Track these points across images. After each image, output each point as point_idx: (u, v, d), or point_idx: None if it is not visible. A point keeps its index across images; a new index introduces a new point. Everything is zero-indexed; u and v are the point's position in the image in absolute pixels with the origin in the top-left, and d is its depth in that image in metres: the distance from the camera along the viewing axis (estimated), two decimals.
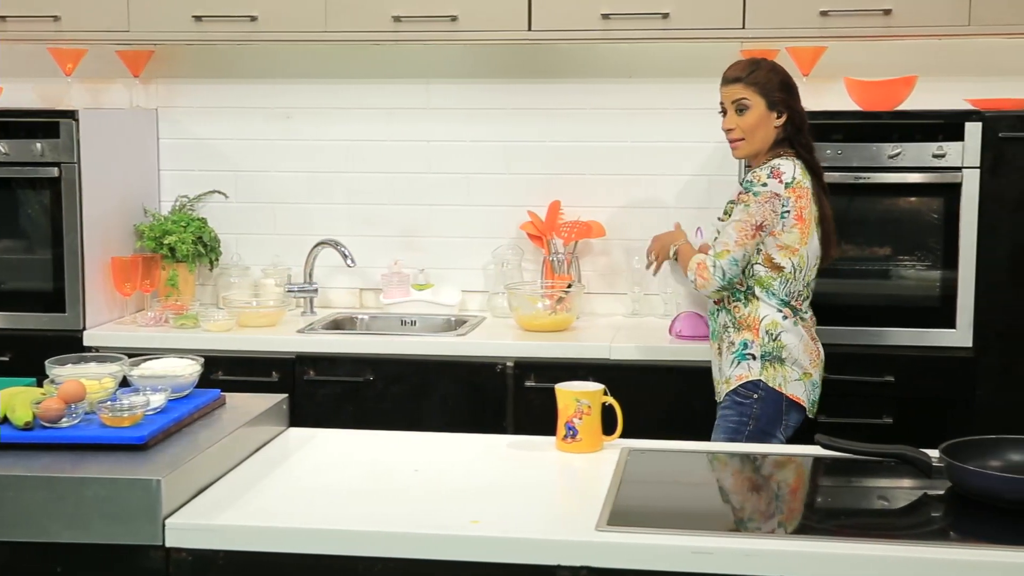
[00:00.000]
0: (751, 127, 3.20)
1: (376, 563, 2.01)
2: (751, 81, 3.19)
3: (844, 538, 2.00)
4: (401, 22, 3.85)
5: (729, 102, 3.22)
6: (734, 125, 3.22)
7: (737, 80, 3.21)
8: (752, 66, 3.22)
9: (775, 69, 3.24)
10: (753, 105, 3.18)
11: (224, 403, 2.56)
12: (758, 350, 3.14)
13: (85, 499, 2.05)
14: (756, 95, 3.19)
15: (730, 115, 3.22)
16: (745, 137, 3.21)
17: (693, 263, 3.19)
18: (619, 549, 1.97)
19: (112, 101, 4.36)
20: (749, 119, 3.19)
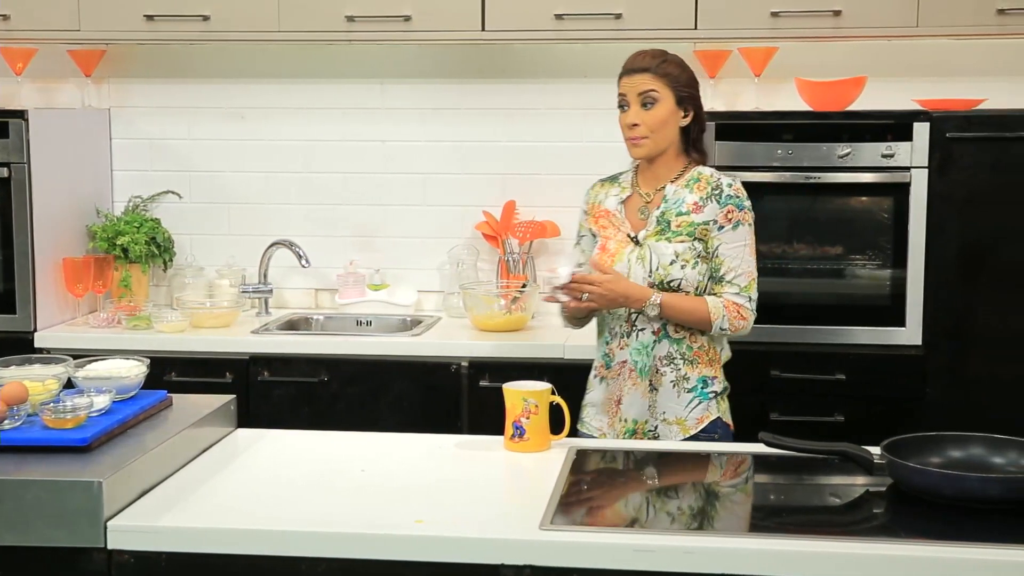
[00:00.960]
0: (658, 123, 2.88)
1: (319, 563, 2.01)
2: (661, 72, 2.88)
3: (786, 535, 2.01)
4: (354, 22, 3.85)
5: (635, 94, 2.89)
6: (639, 120, 2.88)
7: (645, 70, 2.88)
8: (661, 56, 2.92)
9: (684, 65, 2.96)
10: (662, 99, 2.88)
11: (171, 404, 2.54)
12: (719, 386, 2.92)
13: (26, 501, 2.03)
14: (666, 87, 2.88)
15: (634, 109, 2.89)
16: (650, 135, 2.89)
17: (717, 311, 2.82)
18: (562, 548, 1.98)
19: (64, 101, 4.33)
20: (657, 114, 2.88)
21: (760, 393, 3.62)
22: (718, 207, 2.87)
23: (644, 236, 2.90)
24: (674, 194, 2.91)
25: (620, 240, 2.93)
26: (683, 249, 2.85)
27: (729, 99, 4.06)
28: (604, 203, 3.01)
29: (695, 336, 2.88)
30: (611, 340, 2.94)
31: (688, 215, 2.88)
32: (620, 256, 2.90)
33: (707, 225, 2.86)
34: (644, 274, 2.86)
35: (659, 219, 2.90)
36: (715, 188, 2.89)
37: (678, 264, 2.85)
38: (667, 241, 2.87)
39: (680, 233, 2.87)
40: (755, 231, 2.93)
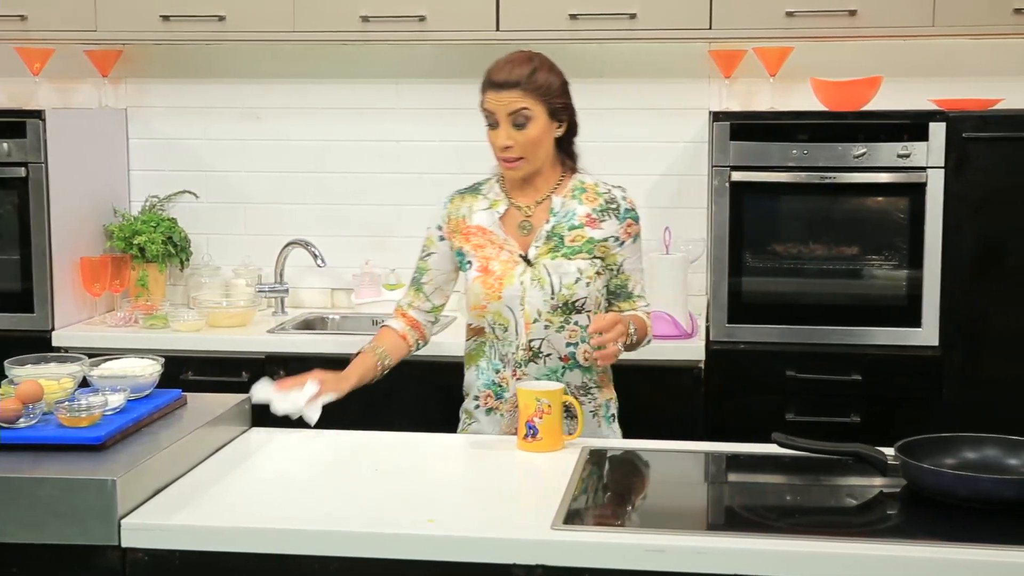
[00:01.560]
0: (533, 143, 2.63)
1: (331, 562, 2.01)
2: (532, 87, 2.61)
3: (799, 536, 2.01)
4: (369, 22, 3.85)
5: (504, 113, 2.61)
6: (512, 141, 2.62)
7: (515, 85, 2.61)
8: (529, 65, 2.64)
9: (554, 67, 2.70)
10: (535, 116, 2.62)
11: (185, 403, 2.55)
12: (615, 406, 2.83)
13: (41, 499, 2.05)
14: (538, 103, 2.62)
15: (504, 129, 2.62)
16: (525, 155, 2.64)
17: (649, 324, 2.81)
18: (573, 548, 1.98)
19: (81, 101, 4.35)
20: (531, 133, 2.62)
21: (775, 393, 3.61)
22: (618, 223, 2.72)
23: (535, 255, 2.69)
24: (562, 206, 2.71)
25: (505, 260, 2.71)
26: (586, 266, 2.68)
27: (744, 99, 4.05)
28: (471, 218, 2.77)
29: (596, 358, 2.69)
30: (502, 368, 2.73)
31: (582, 228, 2.70)
32: (509, 279, 2.68)
33: (607, 242, 2.70)
34: (544, 296, 2.67)
35: (549, 234, 2.69)
36: (609, 202, 2.72)
37: (583, 282, 2.67)
38: (565, 258, 2.68)
39: (578, 249, 2.68)
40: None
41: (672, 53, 4.05)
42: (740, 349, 3.65)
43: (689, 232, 4.03)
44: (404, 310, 2.89)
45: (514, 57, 2.70)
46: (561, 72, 2.74)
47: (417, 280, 2.87)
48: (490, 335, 2.75)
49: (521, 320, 2.70)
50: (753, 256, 3.68)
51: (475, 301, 2.74)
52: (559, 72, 2.73)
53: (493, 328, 2.74)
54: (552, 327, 2.69)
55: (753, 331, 3.65)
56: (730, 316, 3.65)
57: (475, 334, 2.80)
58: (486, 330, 2.76)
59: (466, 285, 2.79)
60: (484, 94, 2.68)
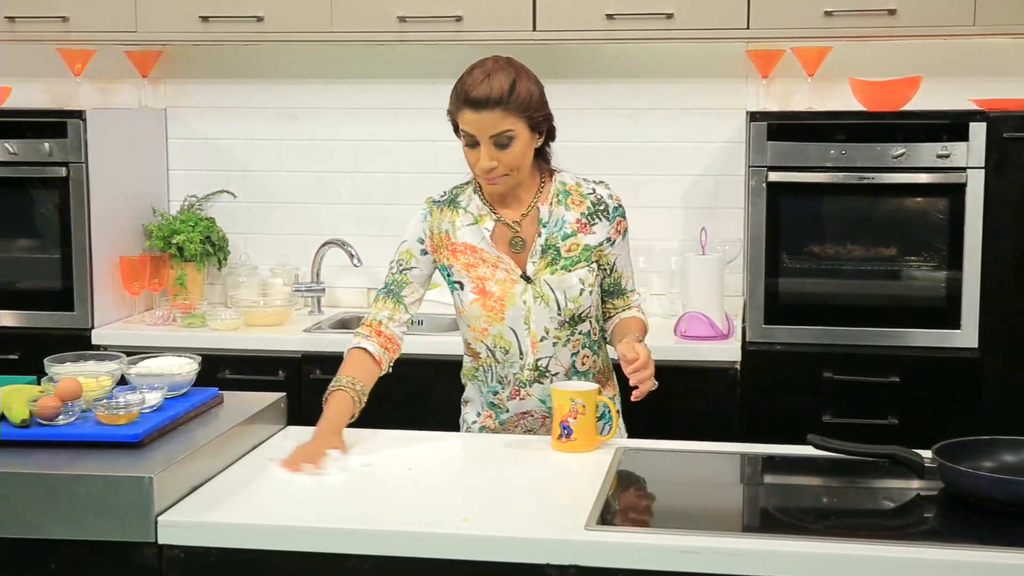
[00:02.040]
0: (517, 161, 2.53)
1: (365, 560, 2.02)
2: (514, 104, 2.48)
3: (835, 538, 1.99)
4: (406, 22, 3.87)
5: (486, 136, 2.49)
6: (495, 161, 2.50)
7: (496, 104, 2.47)
8: (507, 78, 2.50)
9: (530, 74, 2.57)
10: (517, 134, 2.50)
11: (222, 401, 2.57)
12: (618, 401, 2.74)
13: (79, 496, 2.07)
14: (519, 120, 2.49)
15: (487, 150, 2.50)
16: (509, 173, 2.54)
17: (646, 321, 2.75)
18: (607, 548, 1.97)
19: (121, 101, 4.39)
20: (515, 152, 2.51)
21: (812, 395, 3.59)
22: (608, 224, 2.63)
23: (534, 272, 2.59)
24: (550, 215, 2.61)
25: (502, 280, 2.60)
26: (585, 275, 2.59)
27: (782, 99, 4.03)
28: (455, 234, 2.64)
29: (595, 360, 2.68)
30: (501, 390, 2.66)
31: (575, 236, 2.60)
32: (511, 299, 2.58)
33: (601, 246, 2.62)
34: (550, 313, 2.58)
35: (544, 248, 2.59)
36: (597, 203, 2.63)
37: (586, 292, 2.60)
38: (565, 271, 2.58)
39: (576, 259, 2.59)
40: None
41: (709, 53, 4.04)
42: (776, 350, 3.63)
43: (725, 233, 4.01)
44: (381, 326, 2.67)
45: (490, 69, 2.52)
46: (536, 78, 2.61)
47: (396, 293, 2.69)
48: (487, 359, 2.66)
49: (527, 340, 2.61)
50: (790, 257, 3.66)
51: (475, 324, 2.63)
52: (535, 78, 2.59)
53: (493, 351, 2.64)
54: (560, 343, 2.63)
55: (790, 332, 3.63)
56: (767, 317, 3.63)
57: (472, 356, 2.72)
58: (482, 354, 2.66)
59: (458, 306, 2.67)
60: (461, 111, 2.52)
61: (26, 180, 3.93)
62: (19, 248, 4.02)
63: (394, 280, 2.72)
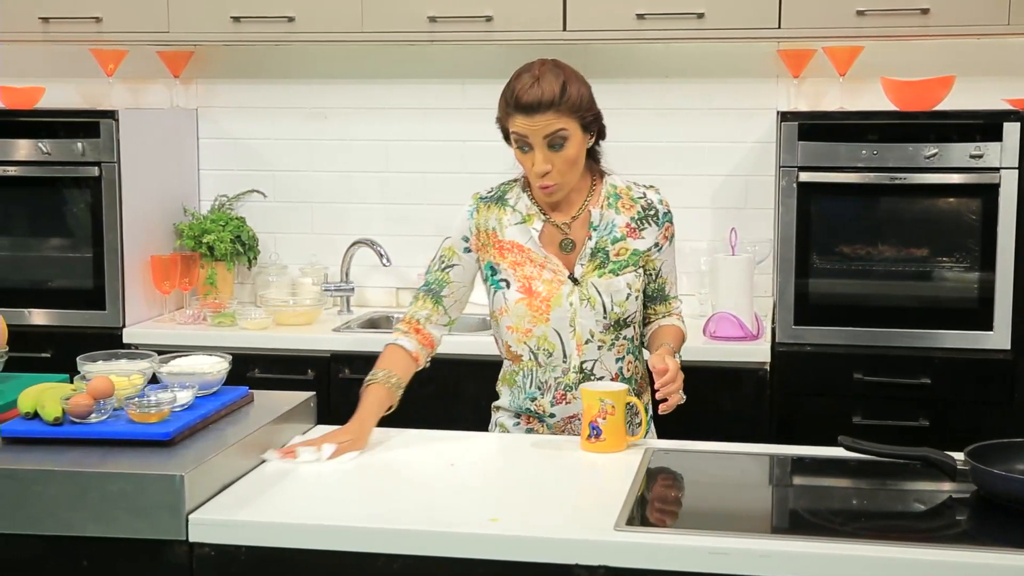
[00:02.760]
0: (571, 163, 2.50)
1: (395, 560, 2.02)
2: (567, 105, 2.46)
3: (866, 540, 1.98)
4: (436, 22, 3.87)
5: (540, 137, 2.46)
6: (550, 164, 2.48)
7: (550, 106, 2.44)
8: (558, 80, 2.47)
9: (579, 76, 2.54)
10: (571, 135, 2.48)
11: (252, 400, 2.58)
12: (652, 407, 2.69)
13: (110, 494, 2.08)
14: (572, 120, 2.47)
15: (541, 152, 2.48)
16: (564, 177, 2.51)
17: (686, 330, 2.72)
18: (636, 549, 1.97)
19: (153, 101, 4.42)
20: (568, 154, 2.49)
21: (843, 396, 3.58)
22: (658, 229, 2.62)
23: (582, 274, 2.58)
24: (601, 219, 2.60)
25: (550, 280, 2.58)
26: (632, 280, 2.58)
27: (813, 99, 4.01)
28: (503, 232, 2.62)
29: (637, 366, 2.67)
30: (540, 396, 2.63)
31: (624, 240, 2.59)
32: (557, 300, 2.56)
33: (650, 251, 2.61)
34: (596, 316, 2.57)
35: (594, 251, 2.58)
36: (647, 208, 2.62)
37: (632, 297, 2.58)
38: (612, 275, 2.57)
39: (624, 264, 2.58)
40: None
41: (739, 53, 4.03)
42: (807, 351, 3.61)
43: (755, 233, 4.00)
44: (420, 325, 2.66)
45: (539, 72, 2.50)
46: (584, 78, 2.58)
47: (436, 292, 2.66)
48: (529, 362, 2.63)
49: (572, 342, 2.59)
50: (820, 257, 3.64)
51: (518, 324, 2.61)
52: (583, 79, 2.57)
53: (536, 354, 2.62)
54: (604, 346, 2.61)
55: (820, 333, 3.62)
56: (797, 318, 3.62)
57: (512, 359, 2.69)
58: (524, 357, 2.64)
59: (500, 306, 2.64)
60: (512, 117, 2.50)
61: (59, 180, 3.96)
62: (51, 247, 4.06)
63: (435, 279, 2.69)
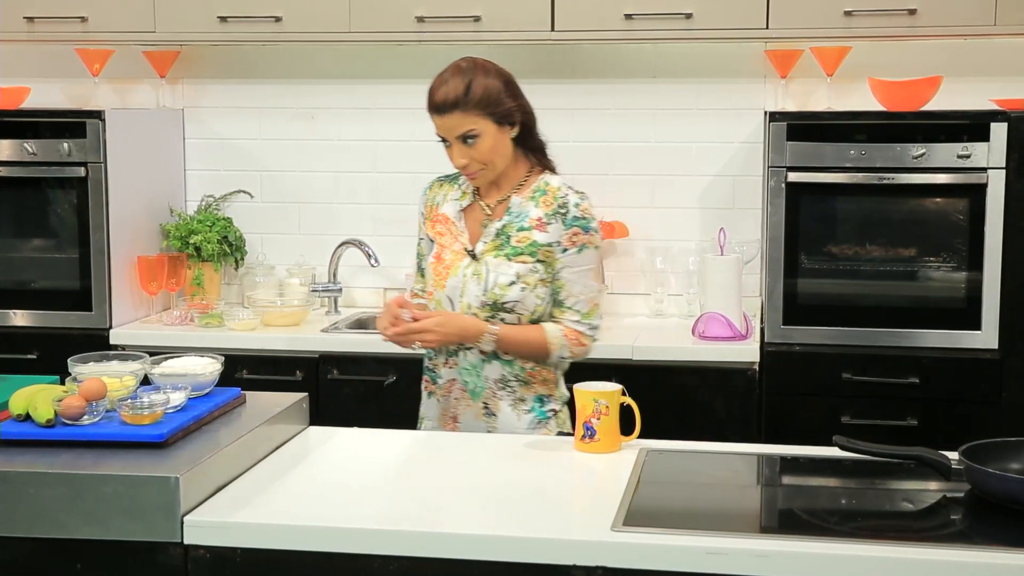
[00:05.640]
0: (487, 154, 2.66)
1: (391, 561, 2.02)
2: (471, 105, 2.62)
3: (861, 540, 1.98)
4: (424, 23, 3.87)
5: (453, 136, 2.65)
6: (467, 159, 2.66)
7: (454, 107, 2.62)
8: (463, 79, 2.63)
9: (489, 71, 2.67)
10: (482, 131, 2.63)
11: (244, 402, 2.57)
12: (558, 403, 2.78)
13: (104, 496, 2.07)
14: (481, 118, 2.63)
15: (457, 147, 2.66)
16: (483, 167, 2.68)
17: (557, 340, 2.68)
18: (634, 549, 1.97)
19: (139, 101, 4.40)
20: (482, 147, 2.64)
21: (831, 396, 3.59)
22: (563, 228, 2.67)
23: (482, 251, 2.72)
24: (519, 206, 2.72)
25: (456, 251, 2.74)
26: (525, 271, 2.67)
27: (800, 99, 4.02)
28: (442, 207, 2.82)
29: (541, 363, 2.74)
30: (435, 356, 2.78)
31: (530, 231, 2.68)
32: (455, 270, 2.72)
33: (551, 247, 2.67)
34: (478, 292, 2.68)
35: (499, 232, 2.71)
36: (561, 206, 2.68)
37: (518, 286, 2.66)
38: (506, 259, 2.68)
39: (521, 251, 2.68)
40: (601, 253, 2.83)
41: (727, 53, 4.03)
42: (795, 351, 3.62)
43: (743, 233, 4.01)
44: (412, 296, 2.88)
45: (448, 74, 2.68)
46: (500, 71, 2.70)
47: (420, 266, 2.90)
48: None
49: (457, 311, 2.72)
50: (809, 257, 3.65)
51: (427, 287, 2.82)
52: (497, 72, 2.69)
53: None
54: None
55: (809, 333, 3.63)
56: (785, 318, 3.63)
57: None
58: None
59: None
60: (431, 117, 2.68)
61: (44, 180, 3.94)
62: (37, 248, 4.03)
63: (418, 253, 2.92)
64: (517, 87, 2.73)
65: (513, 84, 2.72)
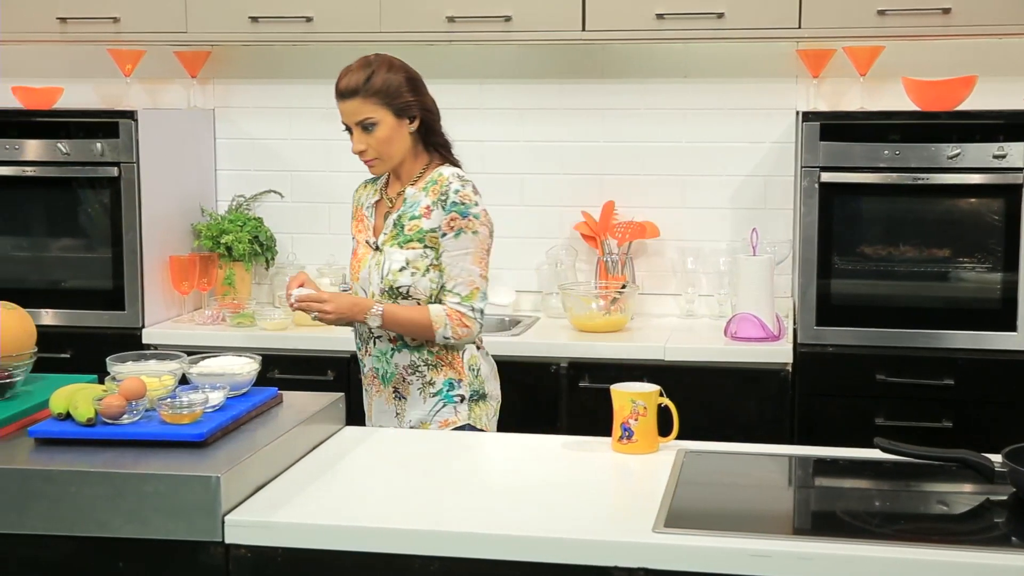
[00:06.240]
0: (383, 143, 2.83)
1: (432, 561, 2.01)
2: (369, 93, 2.80)
3: (904, 543, 1.97)
4: (455, 22, 3.86)
5: (353, 121, 2.83)
6: (364, 145, 2.84)
7: (354, 94, 2.81)
8: (366, 71, 2.82)
9: (393, 66, 2.86)
10: (379, 120, 2.81)
11: (281, 401, 2.57)
12: (466, 390, 2.87)
13: (145, 495, 2.07)
14: (379, 107, 2.81)
15: (357, 134, 2.84)
16: (380, 156, 2.85)
17: (439, 319, 2.80)
18: (676, 551, 1.96)
19: (170, 101, 4.41)
20: (379, 135, 2.82)
21: (865, 397, 3.57)
22: (443, 214, 2.82)
23: (382, 241, 2.89)
24: (413, 196, 2.88)
25: (366, 245, 2.95)
26: (414, 256, 2.83)
27: (832, 99, 4.00)
28: (365, 207, 3.01)
29: (432, 342, 2.86)
30: (360, 346, 2.98)
31: (419, 219, 2.84)
32: (364, 261, 2.93)
33: (434, 232, 2.82)
34: (378, 280, 2.87)
35: (395, 223, 2.88)
36: (443, 193, 2.83)
37: (408, 271, 2.83)
38: (399, 247, 2.84)
39: (411, 239, 2.84)
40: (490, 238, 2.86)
41: (759, 53, 4.02)
42: (829, 352, 3.61)
43: (773, 234, 3.99)
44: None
45: (353, 65, 2.86)
46: (406, 68, 2.88)
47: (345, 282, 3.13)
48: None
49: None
50: (841, 258, 3.64)
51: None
52: (402, 69, 2.87)
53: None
54: None
55: (842, 334, 3.61)
56: (818, 319, 3.61)
57: None
58: None
59: None
60: (338, 106, 2.86)
61: (77, 180, 3.95)
62: (70, 247, 4.05)
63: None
64: (421, 85, 2.90)
65: (417, 82, 2.89)
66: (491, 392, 2.96)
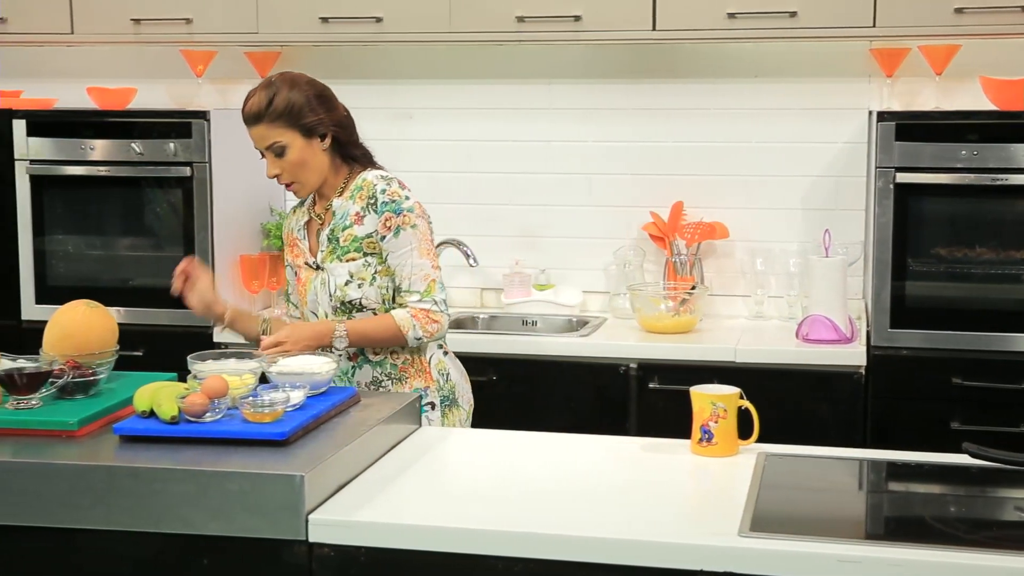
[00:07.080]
0: (297, 166, 2.76)
1: (516, 563, 2.01)
2: (272, 119, 2.73)
3: (997, 550, 1.93)
4: (525, 22, 3.86)
5: (263, 148, 2.78)
6: (279, 170, 2.77)
7: (258, 119, 2.74)
8: (267, 93, 2.74)
9: (296, 84, 2.78)
10: (288, 143, 2.74)
11: (359, 401, 2.58)
12: (435, 396, 2.83)
13: (229, 493, 2.08)
14: (286, 130, 2.73)
15: (270, 159, 2.78)
16: (296, 179, 2.79)
17: (406, 322, 2.74)
18: (763, 555, 1.94)
19: (240, 101, 4.42)
20: (291, 159, 2.75)
21: (940, 401, 3.52)
22: (376, 217, 2.77)
23: (321, 259, 2.83)
24: (340, 207, 2.82)
25: (306, 268, 2.88)
26: (357, 268, 2.78)
27: (906, 99, 3.95)
28: (294, 231, 2.95)
29: (396, 353, 2.81)
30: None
31: (352, 228, 2.78)
32: (309, 285, 2.85)
33: (371, 238, 2.77)
34: (327, 299, 2.81)
35: (329, 237, 2.81)
36: (371, 196, 2.78)
37: (354, 284, 2.78)
38: (339, 260, 2.79)
39: (348, 249, 2.78)
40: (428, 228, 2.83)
41: (831, 52, 3.97)
42: (903, 355, 3.56)
43: (845, 235, 3.94)
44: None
45: (257, 88, 2.79)
46: (312, 84, 2.81)
47: (287, 292, 3.02)
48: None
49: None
50: (916, 260, 3.59)
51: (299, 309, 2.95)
52: (309, 85, 2.80)
53: None
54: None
55: (916, 336, 3.56)
56: (892, 321, 3.56)
57: None
58: None
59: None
60: (248, 132, 2.80)
61: (151, 179, 3.99)
62: (143, 247, 4.09)
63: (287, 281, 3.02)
64: (330, 99, 2.82)
65: (324, 97, 2.80)
66: (462, 397, 2.92)
